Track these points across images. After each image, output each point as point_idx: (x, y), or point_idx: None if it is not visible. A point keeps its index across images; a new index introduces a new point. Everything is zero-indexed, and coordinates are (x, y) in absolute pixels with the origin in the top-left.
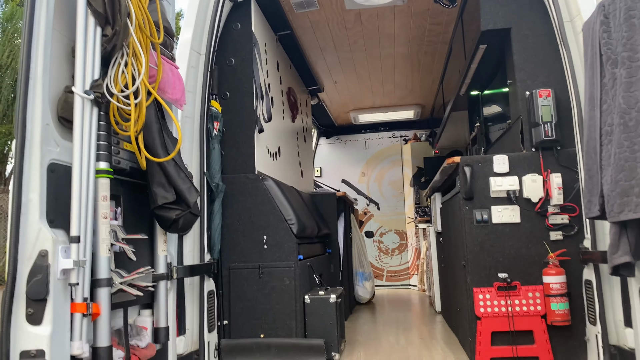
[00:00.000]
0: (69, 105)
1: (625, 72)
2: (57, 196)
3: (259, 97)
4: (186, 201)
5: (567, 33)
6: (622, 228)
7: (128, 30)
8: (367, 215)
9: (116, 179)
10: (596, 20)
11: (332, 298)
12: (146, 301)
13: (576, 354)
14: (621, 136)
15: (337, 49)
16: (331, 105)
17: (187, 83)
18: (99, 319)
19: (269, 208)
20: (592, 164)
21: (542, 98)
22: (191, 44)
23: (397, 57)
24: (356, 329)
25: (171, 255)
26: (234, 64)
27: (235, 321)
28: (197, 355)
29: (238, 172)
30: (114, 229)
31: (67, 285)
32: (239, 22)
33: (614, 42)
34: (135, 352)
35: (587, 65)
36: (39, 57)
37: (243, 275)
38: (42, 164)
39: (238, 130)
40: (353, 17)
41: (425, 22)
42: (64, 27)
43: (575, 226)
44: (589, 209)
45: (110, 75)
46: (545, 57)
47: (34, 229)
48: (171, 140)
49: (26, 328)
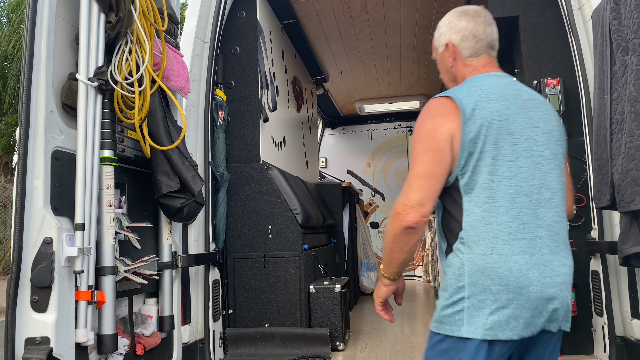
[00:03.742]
0: (73, 93)
1: (636, 60)
2: (62, 184)
3: (264, 86)
4: (191, 190)
5: (576, 21)
6: (632, 218)
7: (132, 17)
8: (372, 206)
9: (120, 167)
10: (606, 7)
11: (336, 288)
12: (151, 290)
13: (582, 344)
14: (632, 125)
15: (343, 38)
16: (336, 96)
17: (192, 71)
18: (103, 306)
19: (274, 198)
20: (602, 153)
21: (550, 87)
22: (196, 32)
23: (403, 47)
24: (361, 319)
25: (176, 244)
26: (238, 52)
27: (240, 310)
28: (202, 344)
29: (243, 162)
30: (118, 217)
31: (72, 273)
32: (244, 10)
33: (624, 29)
34: (140, 340)
35: (596, 53)
36: (42, 44)
37: (248, 265)
38: (46, 151)
39: (243, 119)
40: (359, 5)
41: (431, 11)
42: (68, 13)
43: (582, 216)
44: (599, 199)
45: (114, 63)
46: (553, 46)
47: (38, 216)
48: (175, 128)
49: (31, 315)
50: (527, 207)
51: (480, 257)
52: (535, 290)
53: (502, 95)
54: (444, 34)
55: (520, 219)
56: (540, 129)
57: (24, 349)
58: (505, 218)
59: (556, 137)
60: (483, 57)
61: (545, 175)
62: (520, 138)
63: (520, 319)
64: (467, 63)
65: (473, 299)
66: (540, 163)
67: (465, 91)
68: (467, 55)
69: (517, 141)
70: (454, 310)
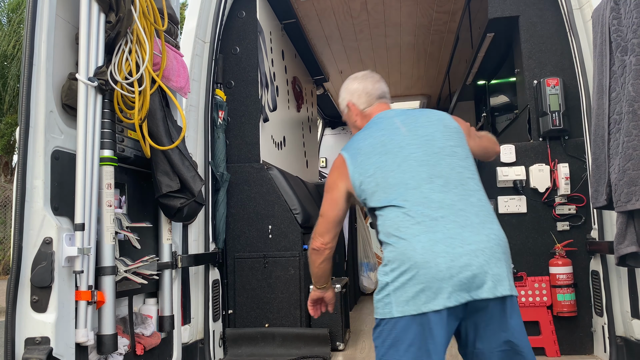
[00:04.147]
0: (72, 93)
1: (635, 60)
2: (62, 184)
3: (264, 86)
4: (190, 190)
5: (576, 21)
6: (629, 218)
7: (132, 17)
8: None
9: (120, 167)
10: (606, 7)
11: (337, 288)
12: (151, 290)
13: (582, 345)
14: (630, 124)
15: (343, 38)
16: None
17: (192, 71)
18: (103, 306)
19: (273, 197)
20: (599, 153)
21: (550, 87)
22: (196, 32)
23: (403, 47)
24: (361, 319)
25: (176, 244)
26: (238, 52)
27: (240, 310)
28: (202, 344)
29: (243, 162)
30: (118, 217)
31: (72, 273)
32: (244, 10)
33: (624, 29)
34: (140, 340)
35: (596, 52)
36: (42, 44)
37: (248, 265)
38: (46, 151)
39: (243, 119)
40: (359, 5)
41: (431, 11)
42: (68, 13)
43: (582, 216)
44: (596, 199)
45: (114, 62)
46: (553, 46)
47: (38, 216)
48: (175, 128)
49: (31, 315)
50: (420, 197)
51: (393, 248)
52: (443, 261)
53: (379, 129)
54: (344, 98)
55: (416, 209)
56: (420, 134)
57: (23, 349)
58: (403, 211)
59: (440, 134)
60: (375, 105)
61: (434, 167)
62: (398, 150)
63: (439, 290)
64: (365, 114)
65: (395, 282)
66: (425, 160)
67: (352, 142)
68: (363, 108)
69: (395, 154)
70: (383, 296)
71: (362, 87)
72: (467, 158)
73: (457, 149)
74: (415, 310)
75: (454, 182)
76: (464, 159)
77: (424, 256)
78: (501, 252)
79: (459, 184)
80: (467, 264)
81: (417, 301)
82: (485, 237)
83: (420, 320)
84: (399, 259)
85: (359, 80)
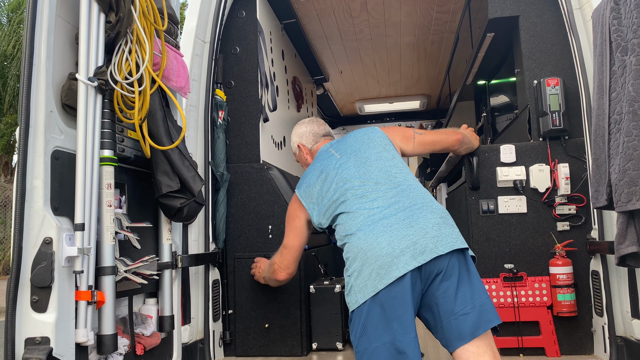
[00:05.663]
0: (72, 92)
1: (635, 60)
2: (62, 184)
3: (264, 86)
4: (191, 190)
5: (576, 21)
6: (629, 218)
7: (132, 17)
8: None
9: (120, 167)
10: (606, 7)
11: (337, 288)
12: (151, 290)
13: (582, 345)
14: (630, 124)
15: (343, 38)
16: (337, 95)
17: (192, 71)
18: (103, 307)
19: (274, 198)
20: (599, 153)
21: (550, 87)
22: (196, 31)
23: (403, 47)
24: None
25: (176, 244)
26: (238, 52)
27: (240, 310)
28: (202, 344)
29: (243, 162)
30: (118, 217)
31: (72, 273)
32: (244, 10)
33: (624, 28)
34: (140, 340)
35: (596, 52)
36: (42, 44)
37: (248, 265)
38: (46, 151)
39: (243, 119)
40: (359, 5)
41: (431, 10)
42: (68, 13)
43: (582, 216)
44: (596, 199)
45: (114, 62)
46: (553, 45)
47: (38, 216)
48: (175, 128)
49: (31, 315)
50: (358, 199)
51: (346, 247)
52: (385, 244)
53: (319, 160)
54: (294, 141)
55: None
56: (349, 153)
57: (23, 349)
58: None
59: (365, 146)
60: (320, 142)
61: (365, 173)
62: (335, 173)
63: (389, 265)
64: (312, 151)
65: (354, 273)
66: (356, 170)
67: (302, 180)
68: (311, 146)
69: (333, 177)
70: (348, 290)
71: (310, 130)
72: (393, 159)
73: (383, 154)
74: (374, 290)
75: (383, 180)
76: (390, 159)
77: (368, 241)
78: (437, 217)
79: (388, 180)
80: (405, 236)
81: (373, 281)
82: (418, 211)
83: (380, 300)
84: (351, 252)
85: (306, 124)
